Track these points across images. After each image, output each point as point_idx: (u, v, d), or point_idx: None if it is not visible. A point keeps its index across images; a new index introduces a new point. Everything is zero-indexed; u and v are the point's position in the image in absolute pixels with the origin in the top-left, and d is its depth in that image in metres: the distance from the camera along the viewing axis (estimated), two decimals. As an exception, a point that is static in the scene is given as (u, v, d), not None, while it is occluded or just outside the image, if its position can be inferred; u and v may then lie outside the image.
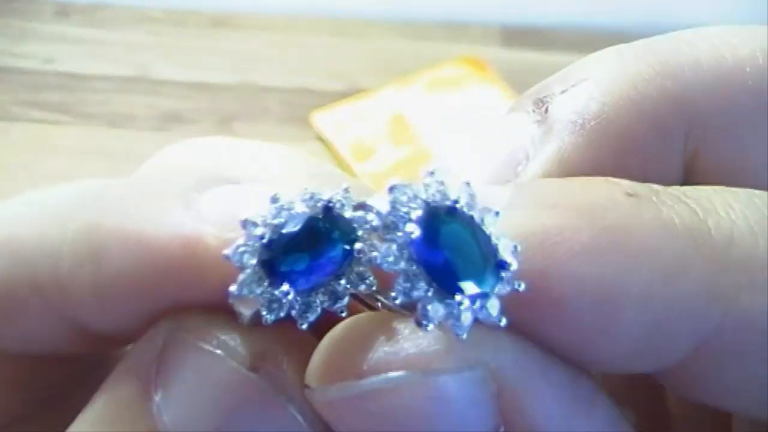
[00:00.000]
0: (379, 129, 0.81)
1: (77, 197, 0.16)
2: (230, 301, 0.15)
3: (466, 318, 0.14)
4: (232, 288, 0.15)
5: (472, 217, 0.15)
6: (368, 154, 0.79)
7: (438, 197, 0.15)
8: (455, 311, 0.14)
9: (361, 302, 0.16)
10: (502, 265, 0.15)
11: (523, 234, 0.15)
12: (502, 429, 0.15)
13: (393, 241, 0.15)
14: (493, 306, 0.15)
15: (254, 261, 0.15)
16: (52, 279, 0.16)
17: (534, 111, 0.18)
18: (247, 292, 0.15)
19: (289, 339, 0.16)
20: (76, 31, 0.93)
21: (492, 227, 0.15)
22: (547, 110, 0.18)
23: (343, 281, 0.15)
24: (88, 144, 0.80)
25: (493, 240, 0.15)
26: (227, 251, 0.15)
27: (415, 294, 0.15)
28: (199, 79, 0.87)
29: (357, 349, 0.15)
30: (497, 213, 0.15)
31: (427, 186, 0.15)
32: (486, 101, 0.83)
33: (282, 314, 0.15)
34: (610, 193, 0.16)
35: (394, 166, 0.78)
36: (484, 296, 0.15)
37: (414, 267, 0.15)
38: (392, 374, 0.14)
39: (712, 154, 0.18)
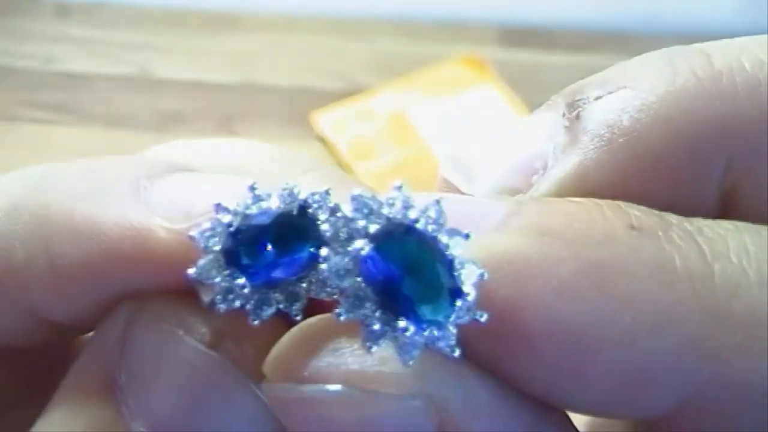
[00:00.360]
0: (379, 129, 0.81)
1: (25, 186, 0.16)
2: (190, 283, 0.15)
3: (412, 345, 0.13)
4: (191, 270, 0.14)
5: (435, 238, 0.14)
6: (368, 154, 0.79)
7: (400, 214, 0.14)
8: (400, 337, 0.14)
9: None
10: (459, 294, 0.13)
11: (499, 260, 0.14)
12: None
13: (344, 254, 0.14)
14: (447, 335, 0.14)
15: (218, 247, 0.14)
16: (7, 270, 0.15)
17: (565, 115, 0.17)
18: (204, 277, 0.14)
19: None
20: (76, 31, 0.93)
21: (457, 251, 0.14)
22: (578, 116, 0.16)
23: (304, 284, 0.15)
24: (88, 144, 0.80)
25: (456, 265, 0.14)
26: (193, 232, 0.14)
27: (360, 313, 0.14)
28: (199, 79, 0.87)
29: (304, 353, 0.14)
30: (466, 235, 0.14)
31: (390, 201, 0.14)
32: (486, 101, 0.83)
33: (236, 305, 0.15)
34: (611, 224, 0.14)
35: (394, 166, 0.78)
36: (437, 324, 0.14)
37: (362, 284, 0.14)
38: (330, 387, 0.14)
39: (755, 188, 0.16)
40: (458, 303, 0.13)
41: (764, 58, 0.16)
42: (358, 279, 0.14)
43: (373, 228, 0.14)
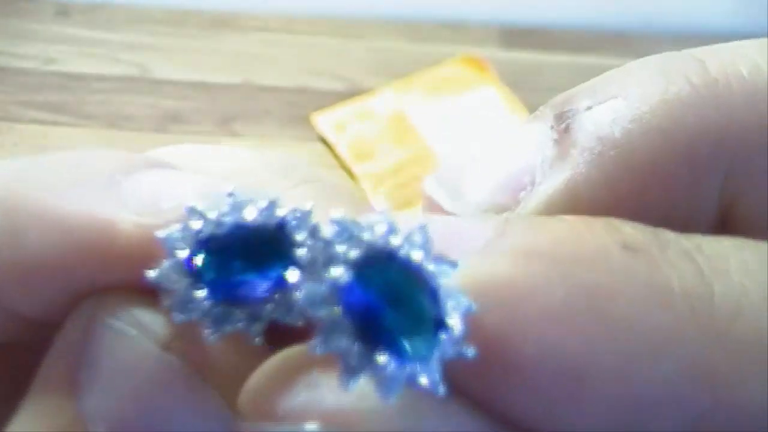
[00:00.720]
0: (379, 129, 0.81)
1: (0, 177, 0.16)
2: (151, 285, 0.14)
3: (393, 381, 0.12)
4: (151, 273, 0.14)
5: (420, 267, 0.13)
6: (368, 154, 0.79)
7: (383, 240, 0.13)
8: (380, 374, 0.13)
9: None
10: (444, 328, 0.12)
11: (484, 286, 0.13)
12: None
13: (321, 282, 0.13)
14: (431, 371, 0.12)
15: (184, 253, 0.14)
16: None
17: (553, 127, 0.16)
18: (165, 282, 0.14)
19: None
20: (76, 31, 0.93)
21: (443, 280, 0.13)
22: (567, 128, 0.16)
23: (269, 306, 0.14)
24: (87, 144, 0.80)
25: (442, 295, 0.13)
26: (161, 233, 0.14)
27: (337, 346, 0.13)
28: (199, 79, 0.87)
29: (280, 387, 0.13)
30: (454, 264, 0.13)
31: (373, 225, 0.13)
32: (486, 101, 0.83)
33: (192, 317, 0.14)
34: (602, 244, 0.13)
35: (394, 167, 0.78)
36: (420, 359, 0.13)
37: (340, 315, 0.13)
38: (307, 426, 0.13)
39: (754, 199, 0.15)
40: (443, 336, 0.12)
41: (762, 63, 0.15)
42: (336, 309, 0.13)
43: (353, 254, 0.13)
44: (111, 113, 0.83)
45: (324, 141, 0.81)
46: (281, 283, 0.14)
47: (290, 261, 0.14)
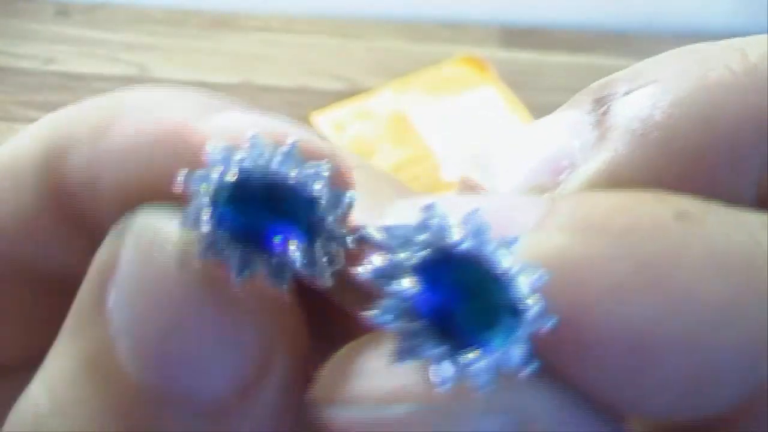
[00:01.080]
0: (379, 129, 0.81)
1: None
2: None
3: (487, 374, 0.13)
4: (181, 176, 0.14)
5: (483, 254, 0.13)
6: (368, 154, 0.79)
7: (438, 237, 0.13)
8: (467, 370, 0.13)
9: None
10: (521, 308, 0.13)
11: (549, 263, 0.13)
12: None
13: (390, 296, 0.13)
14: (515, 354, 0.13)
15: (223, 178, 0.14)
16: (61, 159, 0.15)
17: (591, 111, 0.16)
18: (193, 190, 0.14)
19: None
20: (76, 31, 0.93)
21: (508, 262, 0.13)
22: (606, 112, 0.16)
23: (293, 257, 0.14)
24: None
25: (510, 278, 0.13)
26: (210, 148, 0.14)
27: (421, 354, 0.13)
28: (199, 79, 0.87)
29: (373, 370, 0.13)
30: (514, 241, 0.13)
31: (425, 223, 0.13)
32: (486, 101, 0.83)
33: (219, 258, 0.14)
34: (657, 215, 0.13)
35: (394, 167, 0.78)
36: (504, 343, 0.13)
37: (416, 324, 0.13)
38: (407, 405, 0.13)
39: None
40: (525, 316, 0.12)
41: None
42: (411, 319, 0.13)
43: (416, 260, 0.13)
44: (111, 113, 0.83)
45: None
46: (302, 237, 0.14)
47: (311, 213, 0.14)
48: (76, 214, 0.16)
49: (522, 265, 0.13)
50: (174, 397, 0.14)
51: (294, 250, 0.14)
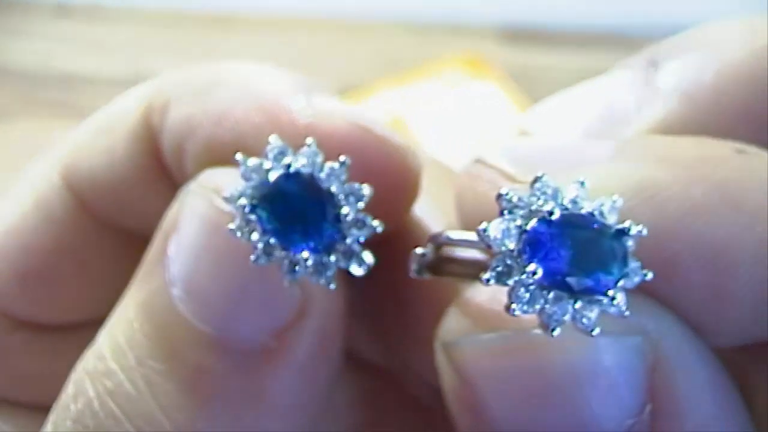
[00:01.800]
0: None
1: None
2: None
3: (590, 321, 0.14)
4: (240, 156, 0.15)
5: (590, 213, 0.14)
6: (368, 154, 0.79)
7: (550, 206, 0.14)
8: (578, 314, 0.14)
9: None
10: (625, 233, 0.14)
11: (630, 188, 0.14)
12: (649, 407, 0.14)
13: (521, 285, 0.14)
14: (620, 299, 0.14)
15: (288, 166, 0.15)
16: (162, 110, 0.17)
17: (645, 70, 0.17)
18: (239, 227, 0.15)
19: None
20: (76, 31, 0.93)
21: (612, 217, 0.14)
22: (661, 72, 0.17)
23: (334, 256, 0.15)
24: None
25: (615, 228, 0.14)
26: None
27: (536, 308, 0.14)
28: (198, 78, 0.87)
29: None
30: (582, 183, 0.14)
31: (535, 194, 0.14)
32: (486, 101, 0.83)
33: (270, 262, 0.15)
34: (720, 149, 0.15)
35: (394, 166, 0.78)
36: (610, 289, 0.14)
37: (539, 278, 0.14)
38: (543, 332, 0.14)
39: None
40: (627, 242, 0.14)
41: None
42: (534, 267, 0.14)
43: (530, 224, 0.14)
44: (111, 113, 0.83)
45: (324, 141, 0.81)
46: (334, 236, 0.15)
47: (335, 215, 0.15)
48: (165, 170, 0.18)
49: (623, 222, 0.14)
50: (219, 337, 0.15)
51: (306, 259, 0.15)
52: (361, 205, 0.15)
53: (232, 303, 0.15)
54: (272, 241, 0.15)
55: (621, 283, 0.14)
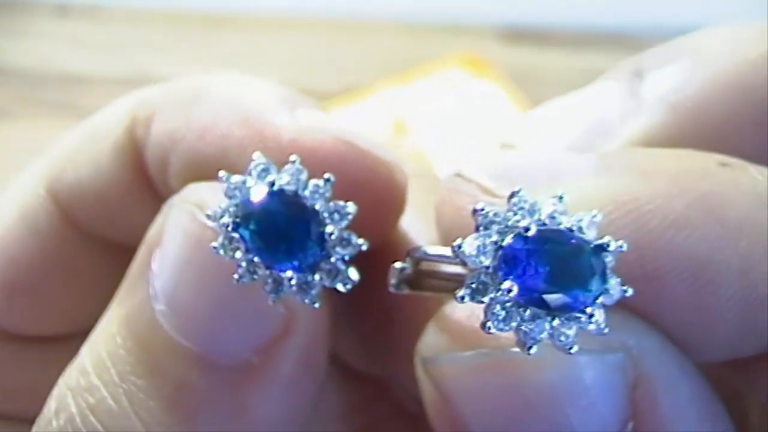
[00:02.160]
0: (378, 129, 0.81)
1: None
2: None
3: (567, 339, 0.14)
4: (222, 174, 0.15)
5: (569, 229, 0.14)
6: (368, 154, 0.79)
7: (526, 221, 0.14)
8: (555, 332, 0.14)
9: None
10: (604, 249, 0.14)
11: (611, 201, 0.14)
12: (630, 425, 0.14)
13: (496, 302, 0.14)
14: (598, 316, 0.14)
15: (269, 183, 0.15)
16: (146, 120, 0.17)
17: (630, 81, 0.17)
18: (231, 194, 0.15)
19: None
20: (76, 31, 0.93)
21: (591, 233, 0.14)
22: (645, 83, 0.17)
23: (318, 275, 0.15)
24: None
25: (594, 243, 0.14)
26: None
27: (512, 325, 0.14)
28: (198, 79, 0.87)
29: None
30: (560, 198, 0.14)
31: (512, 209, 0.14)
32: (486, 101, 0.83)
33: (254, 280, 0.15)
34: (703, 162, 0.15)
35: (394, 166, 0.78)
36: (588, 306, 0.14)
37: (514, 297, 0.14)
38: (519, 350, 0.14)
39: None
40: (607, 287, 0.14)
41: None
42: (519, 314, 0.14)
43: (506, 240, 0.14)
44: (111, 113, 0.83)
45: (324, 141, 0.80)
46: (318, 255, 0.15)
47: (319, 233, 0.15)
48: (149, 183, 0.17)
49: (602, 238, 0.14)
50: (202, 353, 0.15)
51: (290, 278, 0.15)
52: (345, 223, 0.15)
53: (215, 319, 0.15)
54: (256, 259, 0.15)
55: (600, 299, 0.14)
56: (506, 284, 0.14)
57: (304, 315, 0.16)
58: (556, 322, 0.14)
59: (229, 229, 0.14)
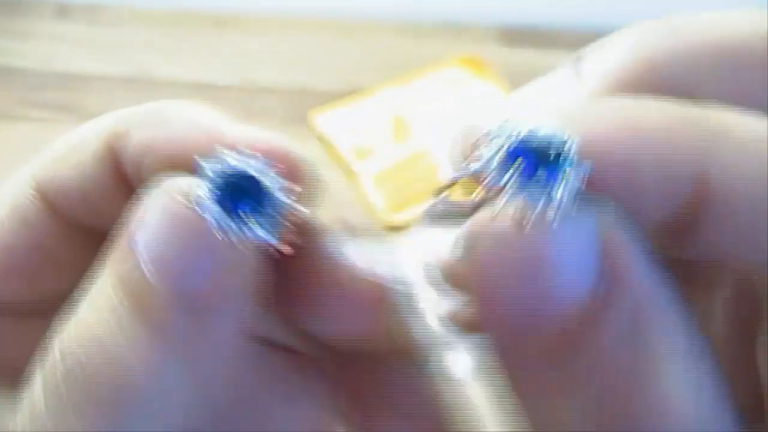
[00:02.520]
0: (379, 129, 0.81)
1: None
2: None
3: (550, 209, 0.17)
4: (201, 161, 0.18)
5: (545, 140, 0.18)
6: (368, 154, 0.79)
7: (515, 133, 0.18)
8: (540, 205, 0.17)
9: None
10: (571, 168, 0.17)
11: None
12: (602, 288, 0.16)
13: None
14: (569, 193, 0.17)
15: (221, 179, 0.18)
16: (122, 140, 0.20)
17: (574, 66, 0.23)
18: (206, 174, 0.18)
19: None
20: (76, 31, 0.93)
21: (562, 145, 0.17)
22: (584, 65, 0.23)
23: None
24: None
25: (564, 153, 0.17)
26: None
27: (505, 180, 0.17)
28: (199, 79, 0.87)
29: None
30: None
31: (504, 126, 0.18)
32: (486, 101, 0.83)
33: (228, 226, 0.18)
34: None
35: (394, 166, 0.78)
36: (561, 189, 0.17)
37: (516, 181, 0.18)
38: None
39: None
40: (572, 169, 0.17)
41: (701, 21, 0.22)
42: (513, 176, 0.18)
43: (504, 150, 0.18)
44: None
45: (324, 140, 0.81)
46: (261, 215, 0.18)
47: (269, 199, 0.19)
48: (127, 182, 0.21)
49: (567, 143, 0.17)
50: (179, 293, 0.18)
51: (254, 223, 0.18)
52: (293, 197, 0.19)
53: (189, 267, 0.18)
54: (223, 212, 0.18)
55: (567, 173, 0.17)
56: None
57: (252, 260, 0.19)
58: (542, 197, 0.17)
59: (199, 194, 0.18)
